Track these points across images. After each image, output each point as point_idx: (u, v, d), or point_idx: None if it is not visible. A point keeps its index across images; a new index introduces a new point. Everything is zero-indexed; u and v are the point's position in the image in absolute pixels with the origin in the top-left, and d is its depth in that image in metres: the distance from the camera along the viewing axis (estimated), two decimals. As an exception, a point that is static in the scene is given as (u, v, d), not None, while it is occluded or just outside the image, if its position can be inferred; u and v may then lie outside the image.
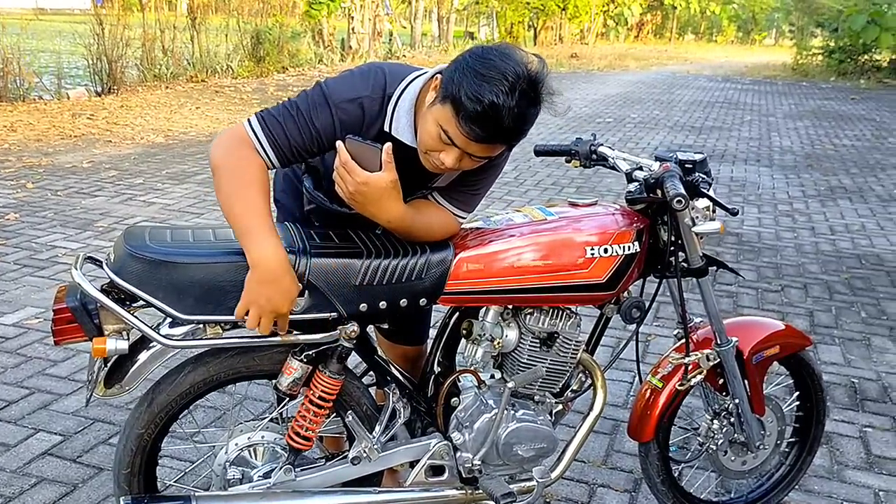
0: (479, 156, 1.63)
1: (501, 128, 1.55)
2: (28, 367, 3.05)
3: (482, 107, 1.52)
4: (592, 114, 11.36)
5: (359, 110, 1.67)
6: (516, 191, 6.43)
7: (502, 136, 1.58)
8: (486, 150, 1.61)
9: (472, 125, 1.54)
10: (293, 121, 1.64)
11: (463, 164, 1.65)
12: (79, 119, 8.72)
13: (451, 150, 1.61)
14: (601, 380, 2.03)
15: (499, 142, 1.61)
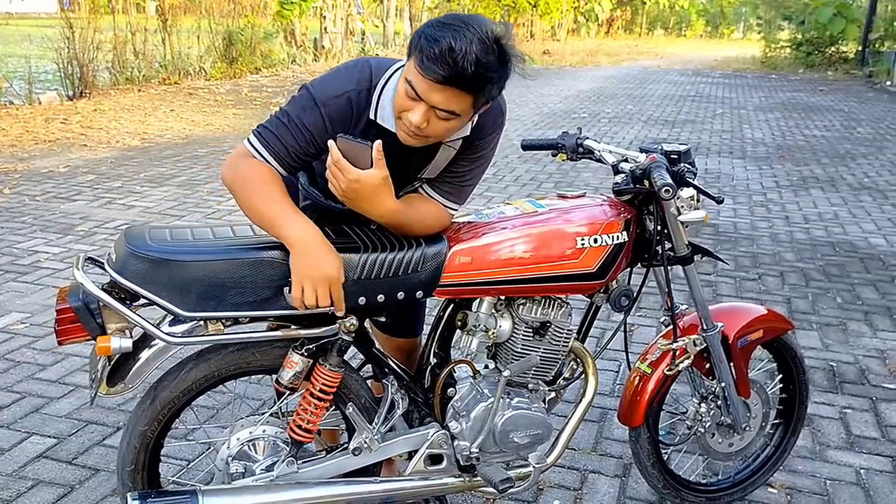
0: (443, 108, 1.59)
1: (458, 70, 1.53)
2: (17, 371, 3.05)
3: (439, 48, 1.52)
4: (567, 109, 11.45)
5: (346, 105, 1.71)
6: (495, 187, 6.48)
7: (460, 81, 1.55)
8: (448, 100, 1.58)
9: (429, 64, 1.54)
10: (286, 128, 1.70)
11: (432, 126, 1.63)
12: (52, 124, 8.64)
13: (417, 106, 1.61)
14: (592, 367, 2.08)
15: (457, 87, 1.56)
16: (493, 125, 1.82)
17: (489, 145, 1.84)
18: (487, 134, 1.82)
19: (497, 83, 1.62)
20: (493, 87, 1.62)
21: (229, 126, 9.13)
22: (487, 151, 1.86)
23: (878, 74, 16.77)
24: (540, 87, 14.33)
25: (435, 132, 1.67)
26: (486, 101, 1.66)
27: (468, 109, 1.63)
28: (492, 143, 1.85)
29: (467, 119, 1.69)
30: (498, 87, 1.64)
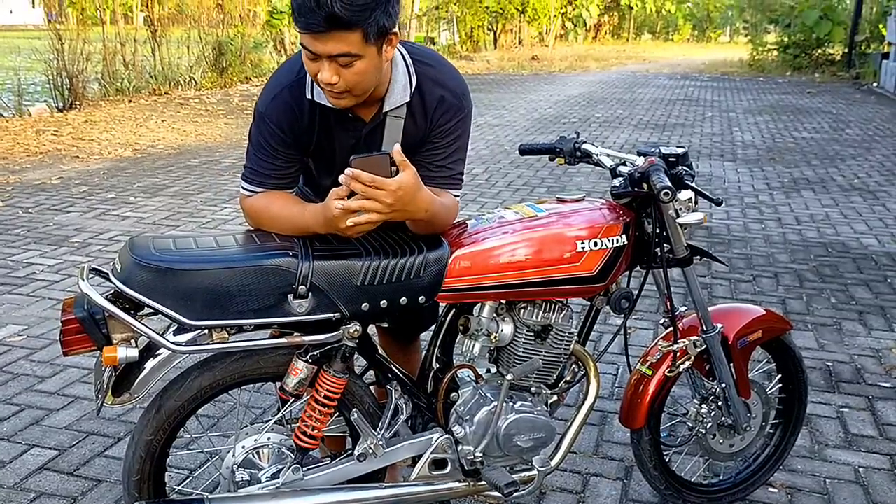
0: (338, 53, 1.56)
1: (326, 12, 1.49)
2: (16, 384, 3.04)
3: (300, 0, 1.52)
4: (557, 114, 11.50)
5: (284, 102, 1.76)
6: (489, 192, 6.50)
7: (334, 21, 1.50)
8: (337, 45, 1.54)
9: (300, 19, 1.53)
10: (255, 155, 1.80)
11: (345, 77, 1.60)
12: (43, 135, 8.62)
13: (320, 65, 1.59)
14: (594, 370, 2.10)
15: (335, 28, 1.52)
16: (452, 112, 1.81)
17: (457, 130, 1.83)
18: (450, 119, 1.81)
19: (378, 9, 1.54)
20: (377, 14, 1.54)
21: (221, 135, 9.12)
22: (459, 136, 1.85)
23: (864, 76, 16.90)
24: (529, 93, 14.38)
25: (352, 82, 1.61)
26: (380, 32, 1.57)
27: (363, 45, 1.56)
28: (459, 129, 1.83)
29: (378, 59, 1.62)
30: (384, 13, 1.55)
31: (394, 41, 1.65)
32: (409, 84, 1.77)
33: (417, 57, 1.81)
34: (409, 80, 1.77)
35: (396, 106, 1.78)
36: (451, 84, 1.82)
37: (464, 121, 1.84)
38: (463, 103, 1.83)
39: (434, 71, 1.81)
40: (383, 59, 1.65)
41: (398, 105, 1.78)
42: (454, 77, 1.85)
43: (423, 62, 1.81)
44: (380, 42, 1.60)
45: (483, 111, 11.75)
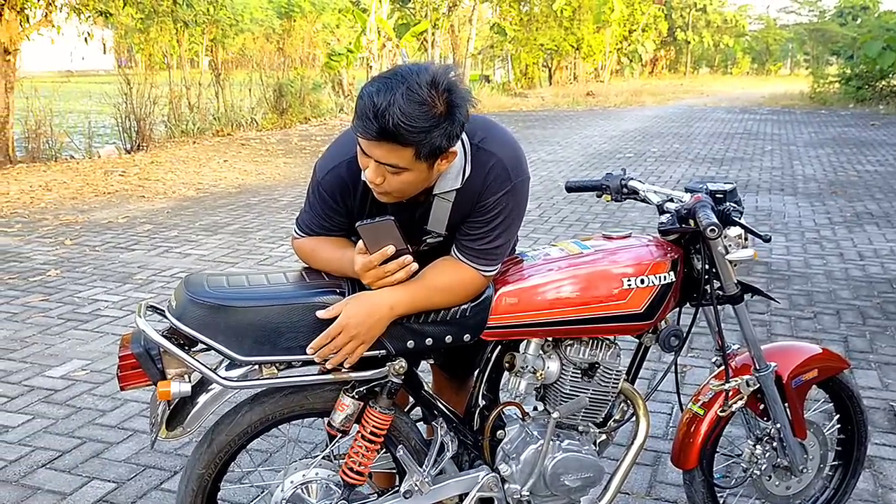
0: (385, 162, 1.57)
1: (381, 125, 1.50)
2: (78, 417, 3.14)
3: (363, 104, 1.53)
4: (612, 150, 11.46)
5: (339, 177, 1.78)
6: (541, 228, 6.50)
7: (388, 135, 1.52)
8: (386, 155, 1.56)
9: (358, 122, 1.55)
10: (307, 211, 1.87)
11: (388, 181, 1.62)
12: (111, 176, 8.96)
13: (369, 163, 1.60)
14: (643, 409, 2.07)
15: (388, 141, 1.53)
16: (497, 185, 1.73)
17: (499, 206, 1.74)
18: (493, 193, 1.73)
19: (437, 130, 1.54)
20: (434, 136, 1.54)
21: (280, 174, 9.35)
22: (502, 211, 1.75)
23: (931, 107, 16.44)
24: (584, 128, 14.38)
25: (393, 187, 1.64)
26: (433, 152, 1.57)
27: (413, 161, 1.57)
28: (503, 203, 1.75)
29: (427, 173, 1.63)
30: (443, 135, 1.55)
31: (450, 157, 1.65)
32: (463, 171, 1.74)
33: (477, 139, 1.75)
34: (463, 167, 1.74)
35: (446, 191, 1.76)
36: (502, 152, 1.75)
37: (510, 194, 1.74)
38: (511, 174, 1.74)
39: (488, 143, 1.75)
40: (435, 172, 1.66)
41: (448, 190, 1.77)
42: (507, 145, 1.78)
43: (480, 141, 1.75)
44: (432, 159, 1.61)
45: (537, 147, 11.80)
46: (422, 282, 1.74)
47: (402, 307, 1.70)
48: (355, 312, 1.66)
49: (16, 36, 9.71)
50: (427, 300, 1.73)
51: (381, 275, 1.68)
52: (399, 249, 1.68)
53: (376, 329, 1.68)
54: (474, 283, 1.78)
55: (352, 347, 1.67)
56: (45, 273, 5.17)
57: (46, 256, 5.61)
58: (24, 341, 3.95)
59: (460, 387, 2.12)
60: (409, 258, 1.69)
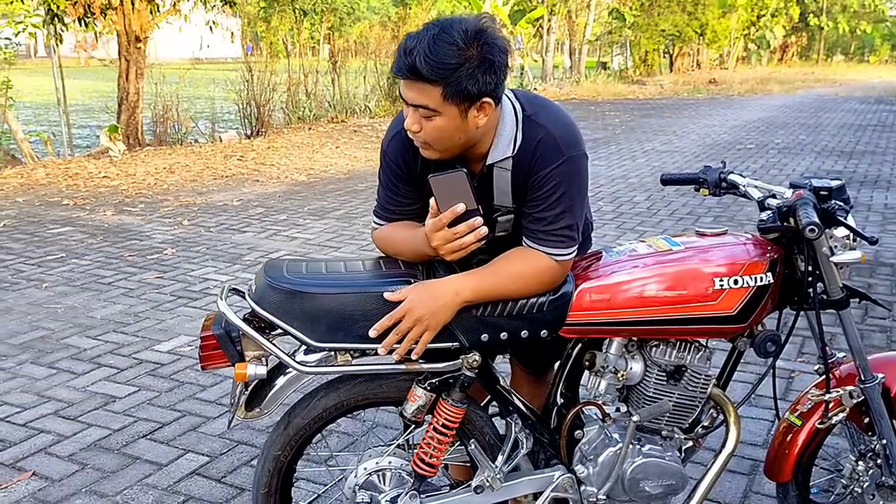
0: (416, 104, 1.61)
1: (411, 61, 1.56)
2: (180, 391, 3.28)
3: (400, 48, 1.60)
4: (732, 140, 10.98)
5: (400, 142, 1.79)
6: (649, 221, 6.30)
7: (416, 72, 1.56)
8: (416, 95, 1.60)
9: (395, 65, 1.62)
10: (381, 190, 1.88)
11: (425, 129, 1.63)
12: (230, 160, 9.33)
13: (407, 110, 1.65)
14: (734, 416, 1.96)
15: (416, 78, 1.57)
16: (548, 158, 1.70)
17: (553, 180, 1.70)
18: (544, 167, 1.70)
19: (463, 70, 1.56)
20: (460, 75, 1.56)
21: (389, 161, 9.46)
22: (557, 187, 1.70)
23: None
24: (703, 118, 13.86)
25: (431, 136, 1.65)
26: (463, 96, 1.59)
27: (441, 102, 1.59)
28: (557, 178, 1.70)
29: (460, 121, 1.63)
30: (468, 77, 1.56)
31: (487, 110, 1.64)
32: (515, 139, 1.72)
33: (528, 111, 1.75)
34: (515, 135, 1.73)
35: (500, 159, 1.74)
36: (553, 127, 1.72)
37: (565, 168, 1.69)
38: (562, 147, 1.70)
39: (540, 117, 1.73)
40: (470, 124, 1.64)
41: (502, 158, 1.74)
42: (558, 120, 1.75)
43: (532, 114, 1.74)
44: (463, 105, 1.60)
45: (651, 137, 11.46)
46: (490, 268, 1.71)
47: (469, 293, 1.67)
48: (419, 297, 1.64)
49: (146, 24, 10.25)
50: (496, 288, 1.69)
51: (450, 237, 1.64)
52: (469, 210, 1.63)
53: (442, 315, 1.65)
54: (548, 269, 1.72)
55: (416, 333, 1.64)
56: (161, 251, 5.43)
57: (164, 236, 5.89)
58: (137, 316, 4.17)
59: (539, 382, 2.07)
60: (480, 220, 1.64)
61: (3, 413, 3.07)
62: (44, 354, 3.65)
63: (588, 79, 22.26)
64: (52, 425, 2.98)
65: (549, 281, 1.73)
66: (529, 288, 1.71)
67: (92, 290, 4.60)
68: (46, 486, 2.57)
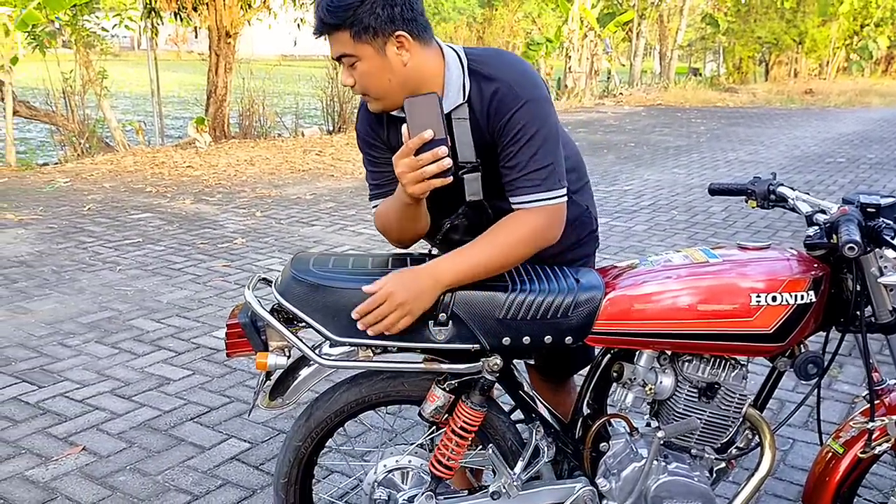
0: (337, 56, 1.67)
1: (319, 16, 1.64)
2: (232, 377, 3.36)
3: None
4: (822, 153, 10.54)
5: (364, 114, 1.84)
6: (723, 233, 6.11)
7: (325, 25, 1.63)
8: (336, 47, 1.65)
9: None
10: (366, 170, 1.93)
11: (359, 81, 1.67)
12: (308, 155, 9.52)
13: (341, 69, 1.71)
14: (770, 439, 1.87)
15: (328, 31, 1.63)
16: (507, 104, 1.67)
17: (519, 123, 1.67)
18: (505, 113, 1.67)
19: (362, 7, 1.59)
20: (360, 14, 1.59)
21: (464, 161, 9.46)
22: (526, 127, 1.67)
23: None
24: (794, 129, 13.34)
25: (363, 84, 1.68)
26: (369, 31, 1.61)
27: (354, 45, 1.63)
28: (522, 120, 1.67)
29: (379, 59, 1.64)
30: (368, 13, 1.59)
31: (405, 43, 1.64)
32: (464, 86, 1.71)
33: (474, 58, 1.74)
34: (463, 82, 1.71)
35: (453, 107, 1.72)
36: (505, 75, 1.70)
37: (526, 110, 1.67)
38: (518, 92, 1.67)
39: (489, 67, 1.71)
40: (393, 62, 1.65)
41: (455, 106, 1.72)
42: (510, 67, 1.72)
43: (479, 61, 1.73)
44: (375, 42, 1.63)
45: (736, 146, 11.11)
46: (474, 244, 1.68)
47: (449, 276, 1.64)
48: (401, 281, 1.63)
49: (236, 20, 10.55)
50: (481, 263, 1.65)
51: (414, 164, 1.60)
52: (437, 138, 1.60)
53: (422, 300, 1.63)
54: (539, 223, 1.67)
55: (395, 317, 1.62)
56: (232, 241, 5.59)
57: (237, 226, 6.06)
58: (200, 302, 4.29)
59: (557, 391, 2.03)
60: (445, 150, 1.60)
61: (63, 389, 3.21)
62: (109, 334, 3.80)
63: (677, 85, 21.75)
64: (107, 403, 3.10)
65: (544, 233, 1.69)
66: (521, 251, 1.68)
67: (162, 275, 4.77)
68: (94, 462, 2.67)
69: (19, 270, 4.80)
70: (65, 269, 4.84)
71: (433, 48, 1.72)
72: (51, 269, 4.85)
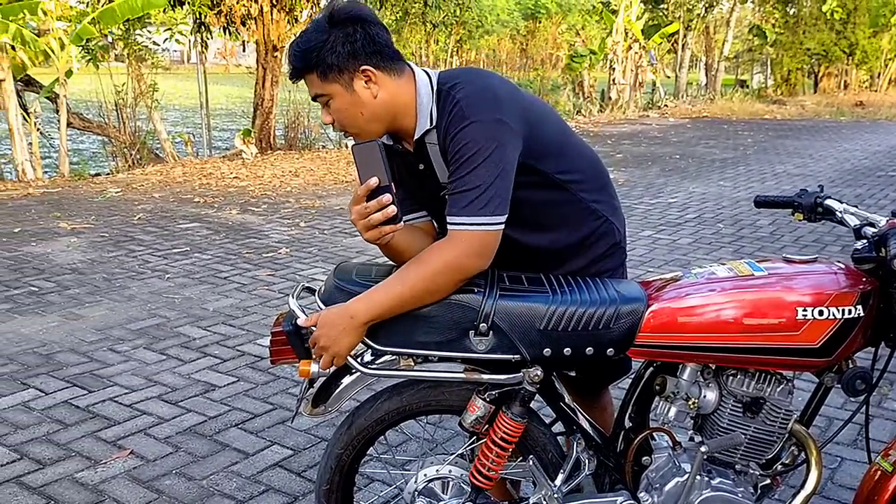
0: (313, 97, 1.74)
1: (291, 64, 1.72)
2: (275, 385, 3.40)
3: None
4: (871, 167, 10.31)
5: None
6: (770, 247, 6.01)
7: (295, 71, 1.72)
8: (311, 89, 1.72)
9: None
10: None
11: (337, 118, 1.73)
12: (352, 166, 9.57)
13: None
14: (816, 455, 1.84)
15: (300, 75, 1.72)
16: (455, 124, 1.67)
17: (458, 144, 1.65)
18: (450, 133, 1.67)
19: (319, 50, 1.65)
20: (322, 55, 1.65)
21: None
22: (459, 151, 1.65)
23: None
24: (844, 141, 13.08)
25: (339, 120, 1.73)
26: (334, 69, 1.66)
27: (322, 84, 1.69)
28: (461, 142, 1.64)
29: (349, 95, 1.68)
30: (329, 52, 1.65)
31: (371, 77, 1.68)
32: (431, 111, 1.73)
33: (444, 80, 1.75)
34: (431, 108, 1.73)
35: (423, 132, 1.74)
36: (462, 94, 1.68)
37: (470, 129, 1.64)
38: (466, 112, 1.65)
39: (453, 88, 1.71)
40: (362, 96, 1.69)
41: (425, 131, 1.74)
42: (470, 87, 1.70)
43: (447, 83, 1.73)
44: (341, 79, 1.68)
45: (784, 159, 10.93)
46: (393, 277, 1.68)
47: (363, 314, 1.65)
48: (322, 325, 1.68)
49: (283, 34, 10.73)
50: (397, 297, 1.65)
51: (363, 212, 1.65)
52: (382, 185, 1.62)
53: (344, 340, 1.66)
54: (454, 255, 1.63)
55: (327, 362, 1.69)
56: (276, 251, 5.67)
57: (281, 235, 6.14)
58: (245, 310, 4.36)
59: (591, 404, 2.01)
60: (389, 198, 1.62)
61: (113, 393, 3.29)
62: (157, 341, 3.89)
63: (723, 97, 21.50)
64: (155, 408, 3.16)
65: (461, 263, 1.63)
66: (439, 281, 1.64)
67: (209, 283, 4.86)
68: (141, 465, 2.73)
69: (71, 278, 4.94)
70: (115, 277, 4.96)
71: (405, 76, 1.75)
72: (102, 276, 4.98)
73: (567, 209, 1.87)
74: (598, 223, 1.90)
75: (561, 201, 1.85)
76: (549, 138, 1.82)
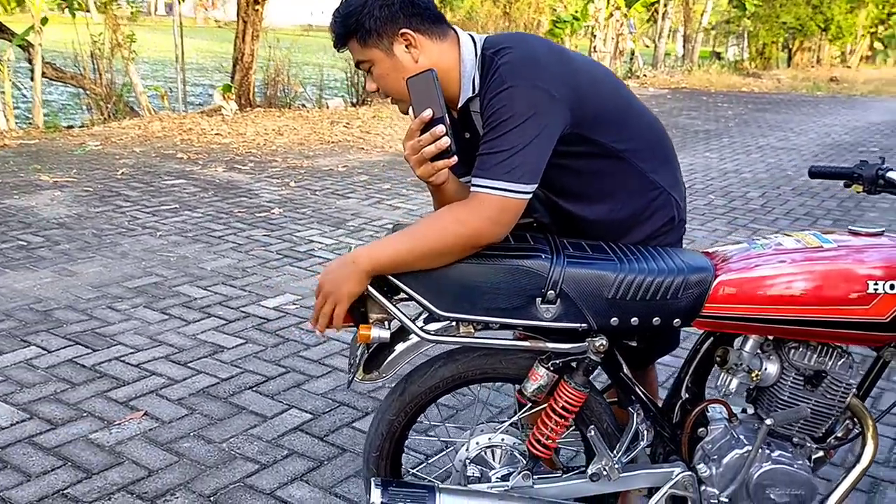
0: (357, 63, 1.71)
1: (333, 32, 1.69)
2: (285, 347, 3.33)
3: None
4: (854, 142, 10.42)
5: None
6: (762, 219, 6.03)
7: (338, 38, 1.69)
8: (354, 55, 1.70)
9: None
10: None
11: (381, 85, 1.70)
12: (336, 126, 9.44)
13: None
14: (872, 429, 1.83)
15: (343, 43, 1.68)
16: (492, 89, 1.61)
17: (492, 108, 1.60)
18: (488, 98, 1.62)
19: (358, 14, 1.63)
20: (361, 19, 1.63)
21: (493, 138, 9.38)
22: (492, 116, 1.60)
23: None
24: (823, 116, 13.19)
25: (382, 86, 1.70)
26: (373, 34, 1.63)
27: (363, 50, 1.66)
28: (495, 106, 1.60)
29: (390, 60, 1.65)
30: (367, 16, 1.62)
31: (411, 41, 1.64)
32: (474, 78, 1.68)
33: (489, 45, 1.70)
34: (474, 74, 1.68)
35: (467, 100, 1.70)
36: (503, 60, 1.63)
37: (506, 94, 1.58)
38: (506, 77, 1.59)
39: (497, 54, 1.65)
40: (403, 61, 1.65)
41: (468, 99, 1.70)
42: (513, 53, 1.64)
43: (491, 49, 1.68)
44: (381, 44, 1.64)
45: (766, 132, 10.99)
46: (405, 230, 1.65)
47: (367, 260, 1.61)
48: (326, 272, 1.65)
49: (266, -12, 10.43)
50: (403, 249, 1.60)
51: (417, 147, 1.59)
52: (436, 117, 1.57)
53: (345, 285, 1.61)
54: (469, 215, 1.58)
55: (328, 308, 1.63)
56: (269, 210, 5.55)
57: (272, 195, 6.02)
58: (244, 271, 4.26)
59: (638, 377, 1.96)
60: (442, 129, 1.56)
61: (117, 353, 3.19)
62: (157, 300, 3.78)
63: (700, 68, 21.52)
64: (164, 369, 3.07)
65: (474, 225, 1.58)
66: (448, 241, 1.59)
67: (203, 242, 4.74)
68: (157, 427, 2.65)
69: (60, 232, 4.78)
70: (105, 233, 4.81)
71: (448, 40, 1.68)
72: (91, 231, 4.83)
73: (622, 178, 1.80)
74: (655, 193, 1.84)
75: (616, 171, 1.79)
76: (603, 105, 1.74)
